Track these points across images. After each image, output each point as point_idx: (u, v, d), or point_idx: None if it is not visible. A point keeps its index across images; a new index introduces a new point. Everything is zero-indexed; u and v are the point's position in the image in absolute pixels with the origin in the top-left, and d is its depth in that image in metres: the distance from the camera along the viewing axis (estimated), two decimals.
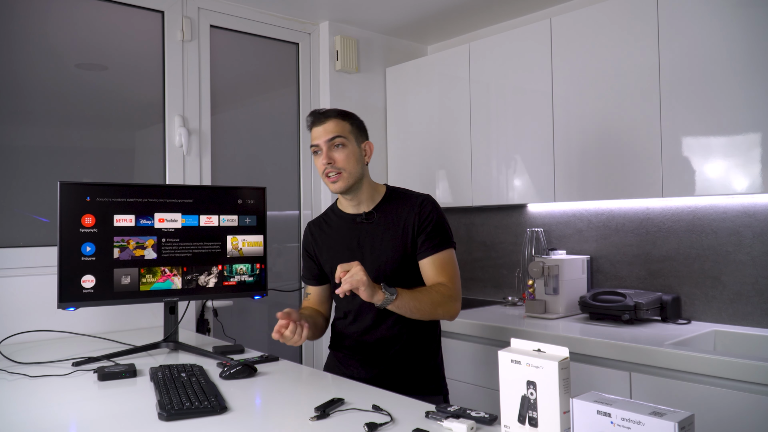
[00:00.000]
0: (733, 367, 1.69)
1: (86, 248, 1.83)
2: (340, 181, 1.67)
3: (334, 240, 1.77)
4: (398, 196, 1.77)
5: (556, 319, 2.42)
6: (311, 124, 1.72)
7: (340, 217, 1.79)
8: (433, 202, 1.73)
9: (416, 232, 1.67)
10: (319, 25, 3.11)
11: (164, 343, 1.93)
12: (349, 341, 1.76)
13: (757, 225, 2.19)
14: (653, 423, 0.83)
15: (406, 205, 1.72)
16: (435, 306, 1.59)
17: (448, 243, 1.69)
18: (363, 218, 1.73)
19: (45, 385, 1.54)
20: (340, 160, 1.66)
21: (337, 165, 1.66)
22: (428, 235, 1.67)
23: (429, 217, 1.68)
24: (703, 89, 2.05)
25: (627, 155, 2.26)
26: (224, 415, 1.27)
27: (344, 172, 1.66)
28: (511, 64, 2.67)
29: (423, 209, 1.69)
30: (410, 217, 1.69)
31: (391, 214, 1.72)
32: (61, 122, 2.40)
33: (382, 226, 1.71)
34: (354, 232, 1.74)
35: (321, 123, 1.69)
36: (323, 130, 1.68)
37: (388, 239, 1.69)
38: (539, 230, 2.84)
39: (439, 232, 1.68)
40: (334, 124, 1.68)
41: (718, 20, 2.02)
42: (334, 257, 1.74)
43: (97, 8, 2.46)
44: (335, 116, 1.70)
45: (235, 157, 2.88)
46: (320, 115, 1.71)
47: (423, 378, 1.72)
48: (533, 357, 1.01)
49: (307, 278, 1.86)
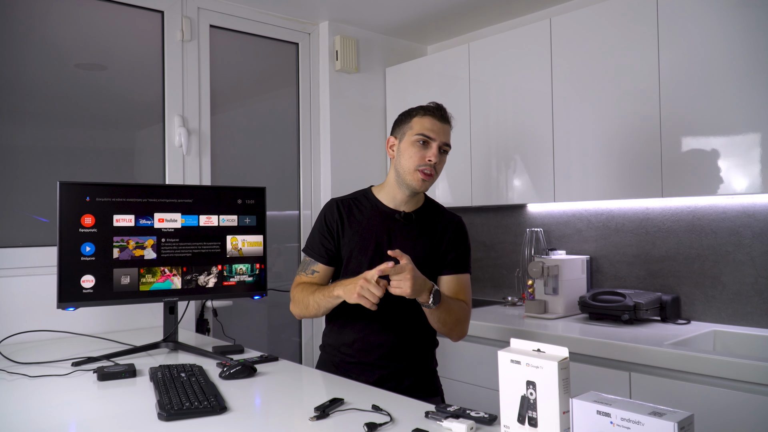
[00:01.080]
0: (733, 367, 1.70)
1: (86, 248, 1.83)
2: (430, 181, 1.68)
3: (363, 226, 1.72)
4: (436, 208, 1.81)
5: (556, 319, 2.42)
6: (430, 113, 1.67)
7: (375, 207, 1.74)
8: (465, 227, 1.81)
9: (448, 248, 1.73)
10: (319, 25, 3.11)
11: (164, 343, 1.93)
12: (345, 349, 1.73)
13: (756, 225, 2.19)
14: (653, 423, 0.83)
15: (444, 220, 1.77)
16: (457, 323, 1.65)
17: (470, 268, 1.77)
18: (401, 216, 1.73)
19: (45, 385, 1.54)
20: (442, 164, 1.69)
21: (438, 167, 1.68)
22: (459, 254, 1.73)
23: (463, 240, 1.77)
24: (702, 90, 2.06)
25: (627, 155, 2.26)
26: (224, 415, 1.27)
27: (435, 176, 1.69)
28: (511, 64, 2.67)
29: (460, 230, 1.77)
30: (446, 233, 1.74)
31: (428, 223, 1.75)
32: (60, 122, 2.40)
33: (417, 231, 1.73)
34: (387, 226, 1.72)
35: (443, 122, 1.68)
36: (443, 130, 1.67)
37: (421, 245, 1.70)
38: (539, 230, 2.84)
39: (467, 256, 1.77)
40: (450, 131, 1.71)
41: (718, 21, 2.02)
42: (359, 244, 1.70)
43: (96, 8, 2.46)
44: (450, 123, 1.72)
45: (235, 157, 2.88)
46: (444, 115, 1.69)
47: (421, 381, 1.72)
48: (533, 357, 1.01)
49: (319, 254, 1.73)
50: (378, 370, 1.68)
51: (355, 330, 1.71)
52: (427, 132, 1.64)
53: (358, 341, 1.70)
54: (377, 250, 1.68)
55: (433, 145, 1.64)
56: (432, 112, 1.67)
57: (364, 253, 1.69)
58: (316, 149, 3.11)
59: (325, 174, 3.08)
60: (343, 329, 1.74)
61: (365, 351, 1.69)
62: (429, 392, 1.72)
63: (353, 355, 1.70)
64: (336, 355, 1.74)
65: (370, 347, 1.69)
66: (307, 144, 3.09)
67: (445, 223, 1.76)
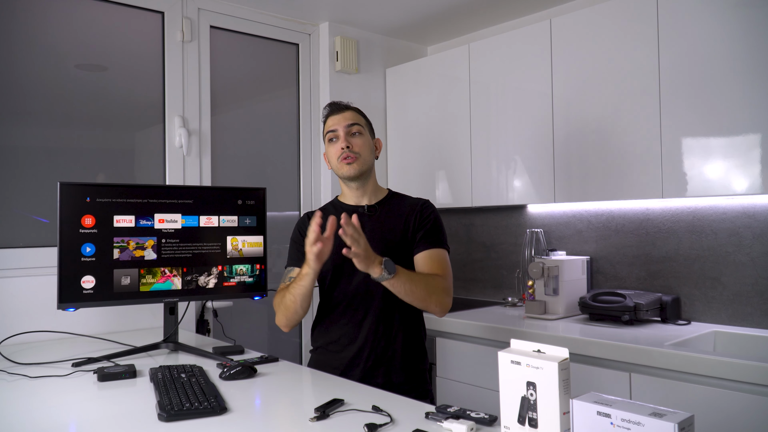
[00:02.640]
0: (733, 367, 1.70)
1: (86, 249, 1.83)
2: (356, 164, 1.74)
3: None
4: (399, 197, 1.87)
5: (556, 319, 2.42)
6: (328, 114, 1.82)
7: (340, 209, 1.80)
8: (433, 206, 1.84)
9: (416, 228, 1.76)
10: (319, 26, 3.11)
11: (164, 344, 1.93)
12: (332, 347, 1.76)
13: (756, 226, 2.19)
14: (653, 424, 0.83)
15: (407, 205, 1.82)
16: (429, 293, 1.62)
17: (444, 244, 1.77)
18: (365, 210, 1.79)
19: (45, 386, 1.54)
20: (358, 144, 1.76)
21: (354, 149, 1.75)
22: (426, 232, 1.75)
23: (429, 216, 1.78)
24: (702, 90, 2.06)
25: (627, 156, 2.26)
26: (224, 415, 1.27)
27: (360, 157, 1.75)
28: (511, 64, 2.67)
29: (424, 209, 1.80)
30: (411, 215, 1.78)
31: (392, 211, 1.81)
32: (61, 123, 2.40)
33: (382, 220, 1.78)
34: None
35: (339, 112, 1.80)
36: (342, 117, 1.79)
37: (388, 232, 1.75)
38: (539, 231, 2.84)
39: (437, 231, 1.77)
40: (352, 114, 1.81)
41: (718, 21, 2.02)
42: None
43: (96, 9, 2.46)
44: (353, 109, 1.83)
45: (235, 158, 2.88)
46: (338, 105, 1.83)
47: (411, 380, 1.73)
48: (533, 358, 1.01)
49: (295, 261, 1.80)
50: (364, 364, 1.70)
51: (339, 326, 1.75)
52: (330, 128, 1.79)
53: (344, 336, 1.74)
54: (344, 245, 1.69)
55: (340, 135, 1.76)
56: (329, 110, 1.83)
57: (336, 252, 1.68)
58: (317, 150, 3.11)
59: (325, 175, 3.09)
60: (329, 328, 1.78)
61: (350, 346, 1.72)
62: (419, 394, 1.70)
63: (340, 351, 1.73)
64: (324, 354, 1.78)
65: (353, 341, 1.72)
66: (308, 145, 3.09)
67: (409, 207, 1.80)
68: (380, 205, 1.82)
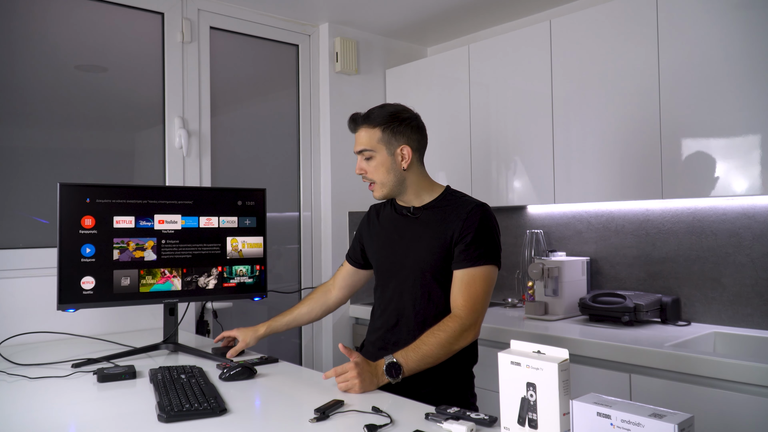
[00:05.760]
0: (733, 368, 1.69)
1: (86, 250, 1.83)
2: (375, 191, 1.69)
3: (382, 227, 1.79)
4: (453, 199, 1.68)
5: (556, 320, 2.42)
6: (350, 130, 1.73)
7: (392, 208, 1.79)
8: (483, 211, 1.61)
9: (456, 240, 1.59)
10: (319, 27, 3.12)
11: (164, 345, 1.93)
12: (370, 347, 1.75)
13: (756, 227, 2.19)
14: (653, 425, 0.83)
15: (456, 210, 1.63)
16: (450, 348, 1.53)
17: (487, 258, 1.58)
18: (410, 212, 1.72)
19: (44, 387, 1.54)
20: (369, 171, 1.67)
21: (368, 176, 1.68)
22: (466, 245, 1.57)
23: (471, 226, 1.58)
24: (702, 91, 2.06)
25: (626, 157, 2.26)
26: (224, 416, 1.27)
27: (376, 183, 1.67)
28: (511, 65, 2.67)
29: (471, 216, 1.59)
30: (455, 223, 1.60)
31: (438, 215, 1.65)
32: (60, 124, 2.40)
33: (425, 224, 1.67)
34: (400, 224, 1.74)
35: (356, 130, 1.70)
36: (357, 139, 1.69)
37: (428, 239, 1.63)
38: (539, 232, 2.84)
39: (480, 244, 1.57)
40: (362, 134, 1.67)
41: (718, 22, 2.02)
42: (376, 242, 1.78)
43: (96, 10, 2.46)
44: (363, 124, 1.67)
45: (235, 159, 2.88)
46: (351, 122, 1.71)
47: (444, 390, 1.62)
48: (533, 359, 1.01)
49: (349, 255, 1.91)
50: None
51: (376, 327, 1.75)
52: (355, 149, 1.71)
53: (379, 339, 1.71)
54: (391, 248, 1.73)
55: (358, 158, 1.70)
56: (349, 127, 1.72)
57: (379, 252, 1.77)
58: (316, 151, 3.11)
59: (325, 175, 3.09)
60: (372, 326, 1.79)
61: (384, 349, 1.66)
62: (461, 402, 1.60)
63: (375, 354, 1.67)
64: (367, 354, 1.72)
65: (387, 345, 1.68)
66: (307, 145, 3.09)
67: (457, 212, 1.62)
68: (428, 208, 1.68)
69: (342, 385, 1.43)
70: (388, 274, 1.72)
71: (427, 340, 1.52)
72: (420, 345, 1.51)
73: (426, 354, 1.50)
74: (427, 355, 1.50)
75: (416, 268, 1.64)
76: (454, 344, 1.53)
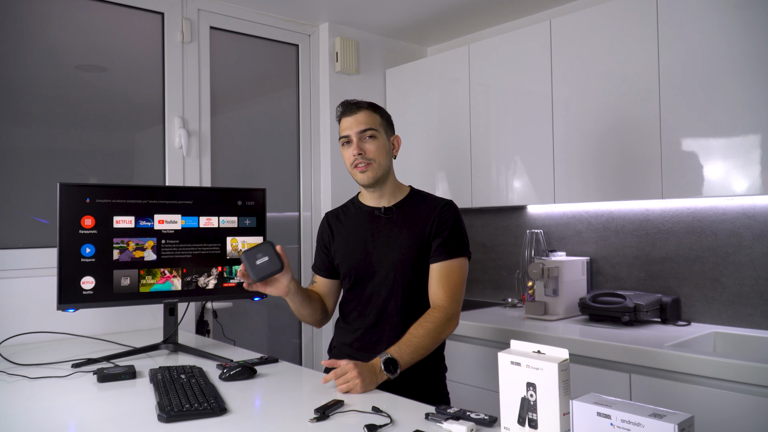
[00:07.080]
0: (733, 368, 1.69)
1: (86, 250, 1.83)
2: (369, 171, 1.67)
3: (348, 231, 1.78)
4: (421, 197, 1.77)
5: (556, 320, 2.42)
6: (341, 115, 1.72)
7: (358, 209, 1.79)
8: (454, 208, 1.73)
9: (432, 235, 1.67)
10: (319, 27, 3.12)
11: (164, 345, 1.93)
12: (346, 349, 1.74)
13: (756, 226, 2.19)
14: (653, 425, 0.83)
15: (427, 207, 1.72)
16: (438, 337, 1.58)
17: (462, 251, 1.68)
18: (382, 212, 1.73)
19: (44, 387, 1.54)
20: (371, 150, 1.67)
21: (368, 156, 1.67)
22: (444, 239, 1.66)
23: (447, 222, 1.68)
24: (702, 91, 2.06)
25: (626, 157, 2.26)
26: (224, 416, 1.27)
27: (374, 163, 1.67)
28: (511, 65, 2.67)
29: (444, 213, 1.69)
30: (429, 219, 1.68)
31: (410, 213, 1.72)
32: (61, 124, 2.40)
33: (400, 223, 1.71)
34: (370, 224, 1.74)
35: (352, 113, 1.70)
36: (354, 120, 1.69)
37: (404, 236, 1.68)
38: (539, 232, 2.84)
39: (454, 239, 1.67)
40: (365, 115, 1.69)
41: (718, 22, 2.02)
42: (346, 247, 1.75)
43: (96, 9, 2.46)
44: (367, 108, 1.71)
45: (235, 159, 2.88)
46: (352, 105, 1.71)
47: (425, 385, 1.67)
48: (533, 359, 1.01)
49: (318, 269, 1.85)
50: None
51: (353, 329, 1.74)
52: (344, 132, 1.71)
53: (357, 340, 1.72)
54: (363, 249, 1.71)
55: (353, 140, 1.68)
56: (342, 111, 1.73)
57: (352, 255, 1.74)
58: (317, 151, 3.11)
59: (325, 175, 3.09)
60: (345, 328, 1.77)
61: (363, 350, 1.69)
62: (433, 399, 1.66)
63: (353, 355, 1.69)
64: (339, 356, 1.74)
65: (367, 345, 1.70)
66: (308, 145, 3.09)
67: (429, 208, 1.70)
68: (398, 207, 1.73)
69: (343, 387, 1.43)
70: (364, 276, 1.71)
71: (416, 333, 1.56)
72: (410, 338, 1.55)
73: (418, 346, 1.54)
74: (419, 347, 1.54)
75: (396, 266, 1.67)
76: (441, 333, 1.59)
